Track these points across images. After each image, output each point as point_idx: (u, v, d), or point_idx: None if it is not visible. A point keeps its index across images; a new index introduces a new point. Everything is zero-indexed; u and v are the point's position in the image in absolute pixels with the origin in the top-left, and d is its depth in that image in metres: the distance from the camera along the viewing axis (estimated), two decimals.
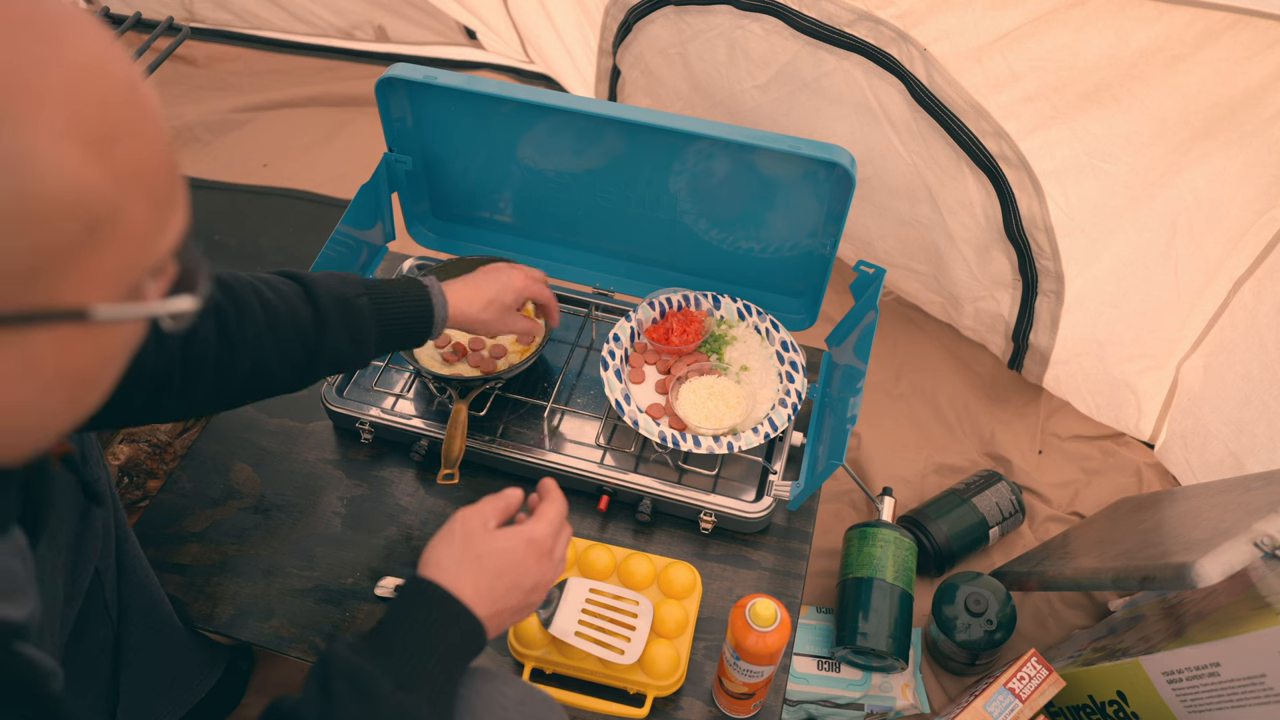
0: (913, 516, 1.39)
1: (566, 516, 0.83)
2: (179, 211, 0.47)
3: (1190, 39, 1.09)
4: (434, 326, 0.97)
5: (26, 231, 0.39)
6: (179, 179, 0.46)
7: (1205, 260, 1.31)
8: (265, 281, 0.86)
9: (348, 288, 0.90)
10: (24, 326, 0.41)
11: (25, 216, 0.39)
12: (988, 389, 1.62)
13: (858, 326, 1.14)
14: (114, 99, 0.42)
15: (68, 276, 0.41)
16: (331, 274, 0.92)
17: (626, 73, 1.69)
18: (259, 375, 0.85)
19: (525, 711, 0.71)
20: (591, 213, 1.28)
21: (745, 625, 0.90)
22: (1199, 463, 1.44)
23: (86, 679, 0.91)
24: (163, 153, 0.45)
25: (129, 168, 0.42)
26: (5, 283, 0.40)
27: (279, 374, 0.87)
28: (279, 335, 0.84)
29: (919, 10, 1.22)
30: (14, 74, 0.39)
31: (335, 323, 0.87)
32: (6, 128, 0.38)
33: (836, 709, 1.23)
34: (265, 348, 0.83)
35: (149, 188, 0.44)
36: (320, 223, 1.76)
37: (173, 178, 0.46)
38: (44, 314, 0.42)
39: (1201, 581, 0.96)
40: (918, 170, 1.40)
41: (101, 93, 0.42)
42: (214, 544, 1.14)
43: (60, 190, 0.40)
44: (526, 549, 0.77)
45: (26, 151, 0.39)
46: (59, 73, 0.40)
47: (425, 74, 1.14)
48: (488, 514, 0.78)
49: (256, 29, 2.28)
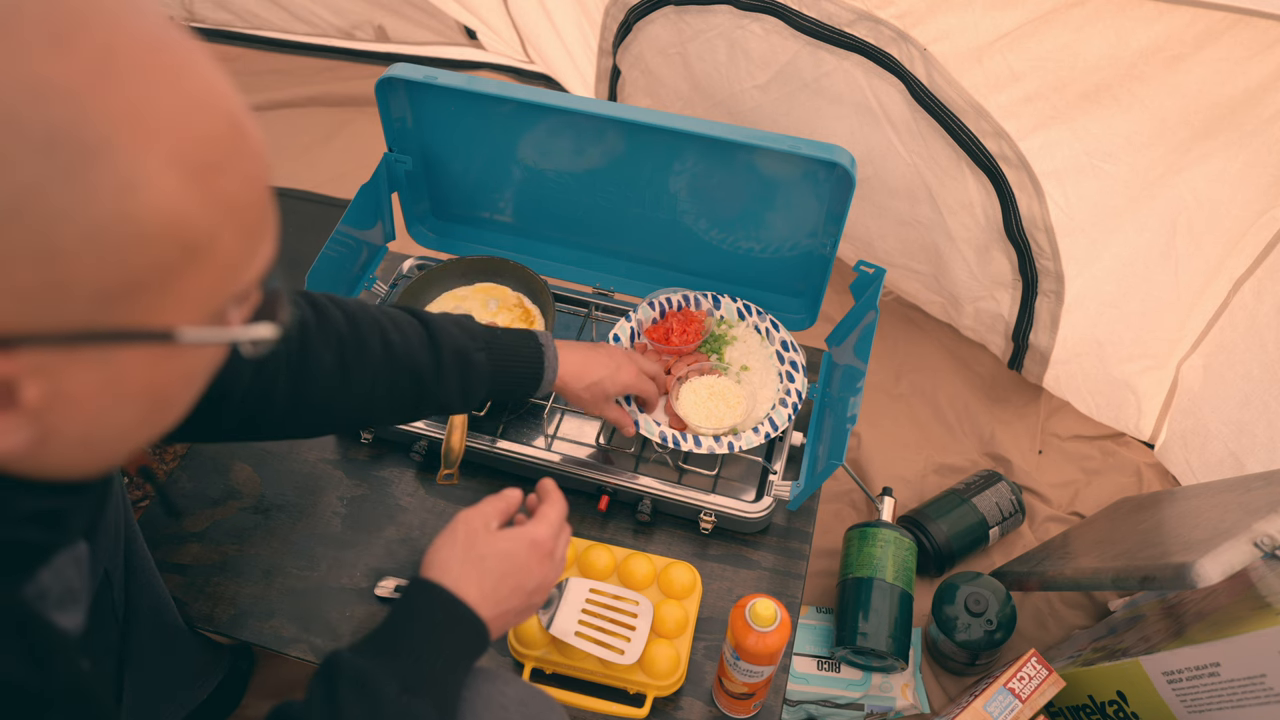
0: (913, 516, 1.39)
1: (566, 517, 0.84)
2: (268, 243, 0.48)
3: (1190, 39, 1.09)
4: (539, 392, 0.98)
5: (126, 253, 0.41)
6: (271, 212, 0.48)
7: (1205, 260, 1.31)
8: (392, 319, 0.87)
9: (469, 340, 0.90)
10: (114, 344, 0.43)
11: (126, 238, 0.40)
12: (988, 389, 1.62)
13: (858, 326, 1.14)
14: (218, 133, 0.44)
15: (159, 299, 0.43)
16: (453, 319, 0.92)
17: (626, 73, 1.69)
18: (365, 409, 0.86)
19: (526, 711, 0.72)
20: (591, 213, 1.28)
21: (745, 625, 0.90)
22: (1199, 463, 1.44)
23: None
24: (259, 187, 0.46)
25: (226, 199, 0.44)
26: (101, 300, 0.41)
27: (384, 411, 0.88)
28: (394, 375, 0.85)
29: (919, 10, 1.22)
30: (133, 103, 0.40)
31: (450, 374, 0.88)
32: (118, 154, 0.40)
33: (836, 709, 1.23)
34: (379, 385, 0.84)
35: (242, 219, 0.45)
36: (320, 223, 1.75)
37: (265, 211, 0.47)
38: (134, 333, 0.43)
39: (1201, 581, 0.96)
40: (918, 170, 1.40)
41: (208, 126, 0.43)
42: (214, 544, 1.14)
43: (161, 216, 0.41)
44: (529, 550, 0.77)
45: (135, 178, 0.40)
46: (172, 105, 0.42)
47: (425, 74, 1.14)
48: (489, 515, 0.79)
49: (256, 29, 2.28)
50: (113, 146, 0.39)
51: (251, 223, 0.46)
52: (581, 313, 1.34)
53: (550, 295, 1.26)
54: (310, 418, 0.84)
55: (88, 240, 0.40)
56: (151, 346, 0.44)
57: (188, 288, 0.44)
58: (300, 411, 0.82)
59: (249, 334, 0.48)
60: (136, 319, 0.43)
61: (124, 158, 0.40)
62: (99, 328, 0.42)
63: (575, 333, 1.32)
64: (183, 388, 0.49)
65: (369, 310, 0.86)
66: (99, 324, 0.42)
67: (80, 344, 0.42)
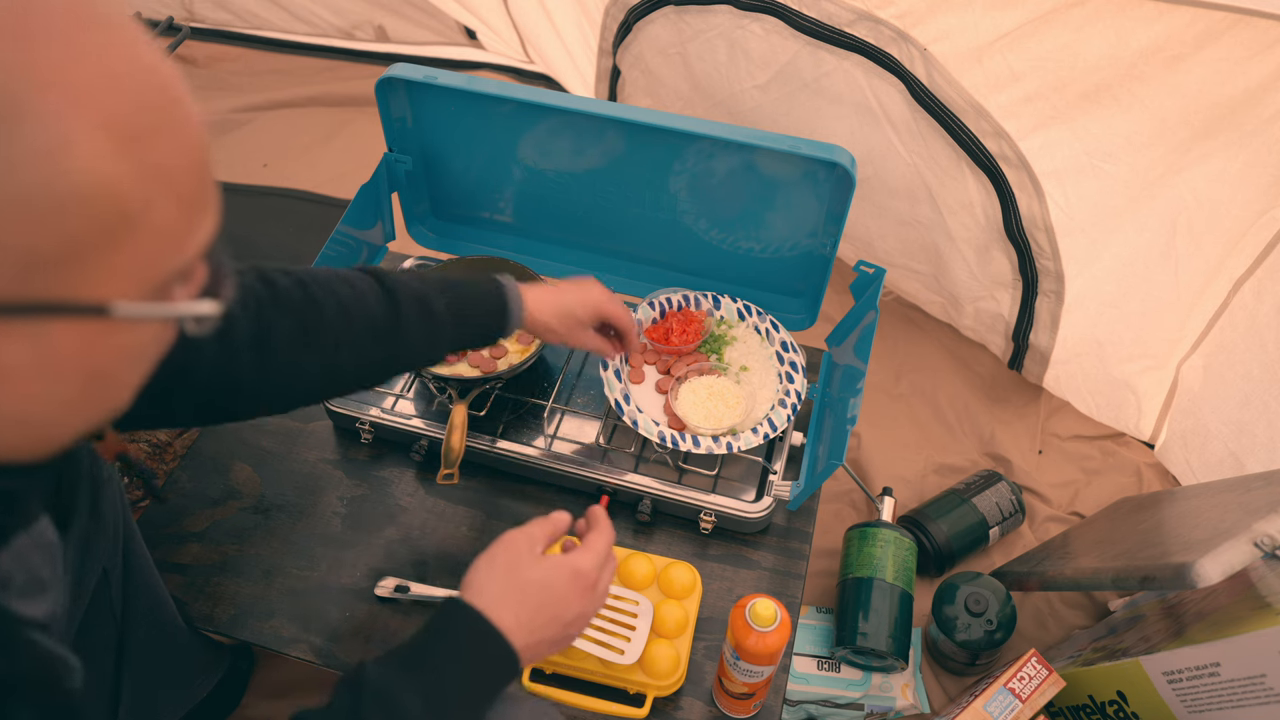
0: (913, 516, 1.39)
1: (613, 546, 0.82)
2: (209, 215, 0.47)
3: (1190, 39, 1.09)
4: (507, 330, 0.96)
5: (53, 219, 0.40)
6: (210, 183, 0.47)
7: (1205, 260, 1.31)
8: (345, 280, 0.85)
9: (426, 288, 0.89)
10: (43, 317, 0.42)
11: (53, 204, 0.40)
12: (988, 389, 1.62)
13: (858, 326, 1.14)
14: (149, 100, 0.43)
15: (91, 270, 0.42)
16: (410, 272, 0.91)
17: (626, 73, 1.69)
18: (333, 373, 0.85)
19: None
20: (591, 213, 1.28)
21: (745, 625, 0.90)
22: (1199, 463, 1.44)
23: (89, 678, 0.90)
24: (195, 156, 0.45)
25: (159, 167, 0.43)
26: (29, 270, 0.40)
27: (351, 375, 0.87)
28: (355, 333, 0.84)
29: (919, 10, 1.22)
30: (58, 70, 0.40)
31: (413, 323, 0.87)
32: (45, 119, 0.39)
33: (836, 709, 1.23)
34: (342, 346, 0.83)
35: (178, 188, 0.44)
36: (320, 223, 1.76)
37: (203, 181, 0.46)
38: (65, 306, 0.42)
39: (1201, 581, 0.96)
40: (918, 170, 1.40)
41: (137, 93, 0.42)
42: (214, 544, 1.14)
43: (89, 181, 0.40)
44: (570, 582, 0.75)
45: (60, 142, 0.39)
46: (97, 70, 0.41)
47: (425, 74, 1.14)
48: (535, 539, 0.77)
49: (256, 29, 2.28)
50: (38, 110, 0.39)
51: (188, 193, 0.45)
52: None
53: None
54: (280, 390, 0.82)
55: (12, 205, 0.39)
56: (85, 321, 0.43)
57: (122, 260, 0.43)
58: (269, 384, 0.80)
59: (190, 310, 0.47)
60: (68, 291, 0.42)
61: (51, 122, 0.39)
62: (27, 299, 0.41)
63: None
64: (125, 366, 0.48)
65: (320, 273, 0.85)
66: (27, 295, 0.41)
67: (8, 316, 0.41)
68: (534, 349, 1.20)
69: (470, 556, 0.76)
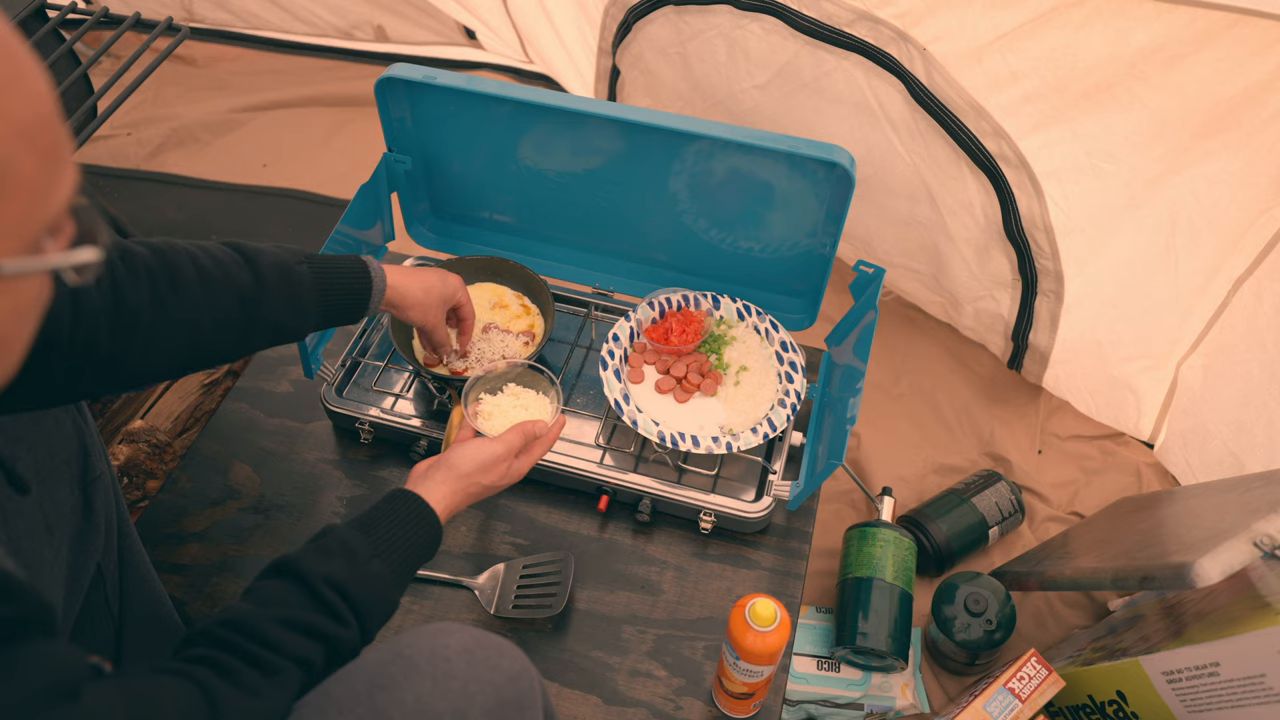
0: (912, 516, 1.39)
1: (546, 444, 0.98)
2: (68, 167, 0.47)
3: (1190, 39, 1.09)
4: (372, 299, 0.98)
5: None
6: (64, 134, 0.47)
7: (1205, 260, 1.31)
8: (203, 248, 0.86)
9: (288, 255, 0.91)
10: None
11: None
12: (987, 389, 1.62)
13: (857, 326, 1.14)
14: None
15: None
16: (273, 244, 0.93)
17: (626, 73, 1.69)
18: (195, 343, 0.85)
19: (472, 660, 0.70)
20: (591, 213, 1.28)
21: (745, 625, 0.90)
22: (1199, 462, 1.44)
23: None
24: (45, 106, 0.45)
25: (14, 121, 0.43)
26: None
27: (216, 342, 0.86)
28: (215, 300, 0.84)
29: (919, 10, 1.22)
30: None
31: (275, 290, 0.88)
32: None
33: (836, 709, 1.23)
34: (202, 313, 0.83)
35: (37, 142, 0.44)
36: (320, 223, 1.76)
37: (57, 132, 0.46)
38: None
39: (1201, 581, 0.96)
40: (917, 170, 1.40)
41: None
42: (214, 544, 1.14)
43: None
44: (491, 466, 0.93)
45: None
46: None
47: (425, 74, 1.14)
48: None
49: (256, 29, 2.28)
50: None
51: (47, 145, 0.45)
52: (581, 313, 1.34)
53: (550, 295, 1.26)
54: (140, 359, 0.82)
55: None
56: None
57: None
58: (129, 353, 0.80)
59: (71, 259, 0.47)
60: None
61: None
62: None
63: (575, 333, 1.32)
64: (12, 324, 0.48)
65: (176, 243, 0.85)
66: None
67: None
68: (534, 349, 1.20)
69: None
